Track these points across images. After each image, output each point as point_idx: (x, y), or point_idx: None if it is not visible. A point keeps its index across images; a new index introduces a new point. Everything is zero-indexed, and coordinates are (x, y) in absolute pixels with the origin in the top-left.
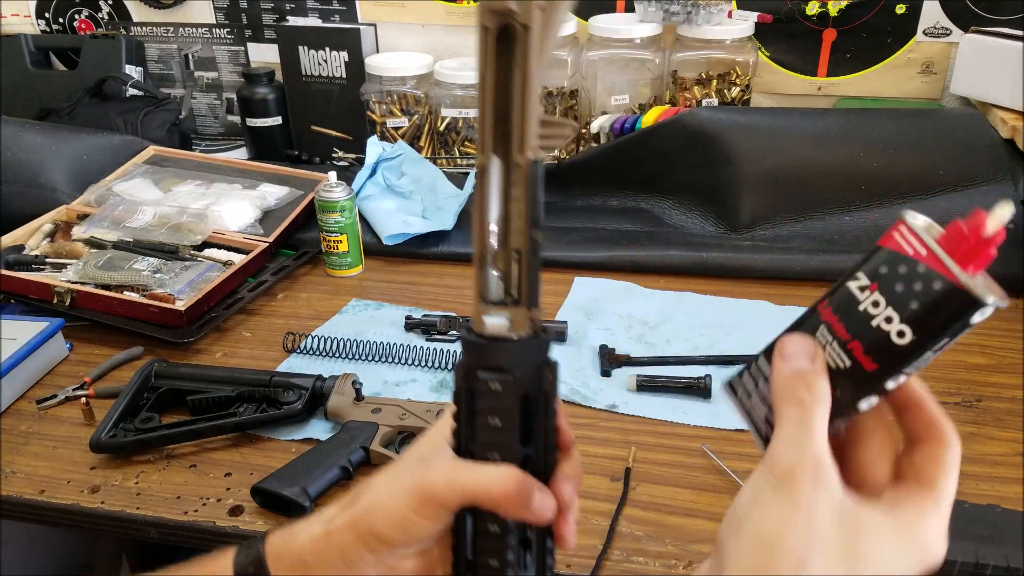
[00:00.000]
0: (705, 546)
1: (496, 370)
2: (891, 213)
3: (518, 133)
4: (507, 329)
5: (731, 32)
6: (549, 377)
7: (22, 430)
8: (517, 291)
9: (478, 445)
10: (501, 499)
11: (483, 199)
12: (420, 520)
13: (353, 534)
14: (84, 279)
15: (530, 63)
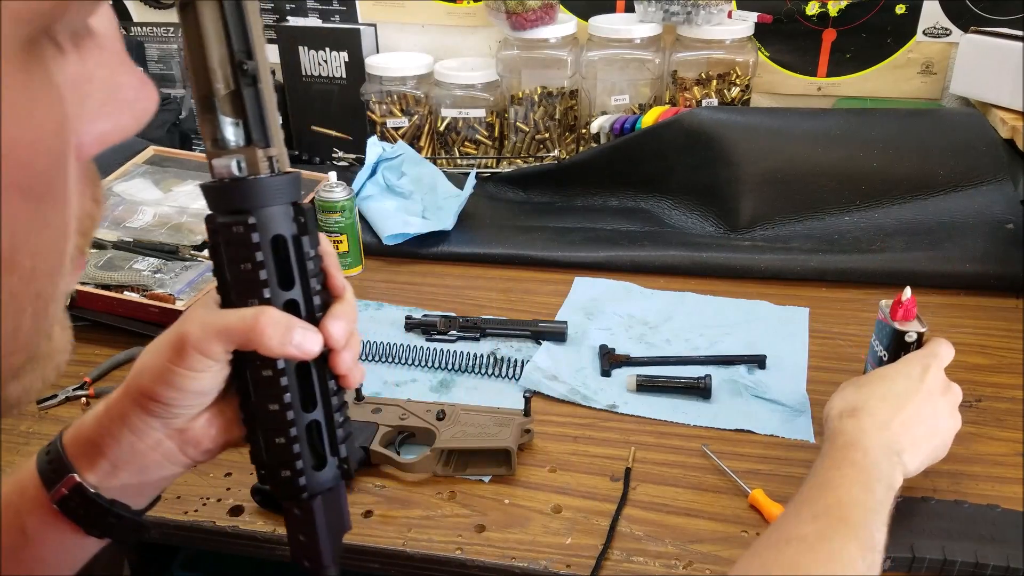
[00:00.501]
0: (705, 546)
1: (234, 212)
2: (891, 213)
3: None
4: (239, 169)
5: (731, 32)
6: (299, 219)
7: (22, 430)
8: (247, 128)
9: (236, 294)
10: (255, 336)
11: (191, 38)
12: (183, 371)
13: (129, 400)
14: (84, 279)
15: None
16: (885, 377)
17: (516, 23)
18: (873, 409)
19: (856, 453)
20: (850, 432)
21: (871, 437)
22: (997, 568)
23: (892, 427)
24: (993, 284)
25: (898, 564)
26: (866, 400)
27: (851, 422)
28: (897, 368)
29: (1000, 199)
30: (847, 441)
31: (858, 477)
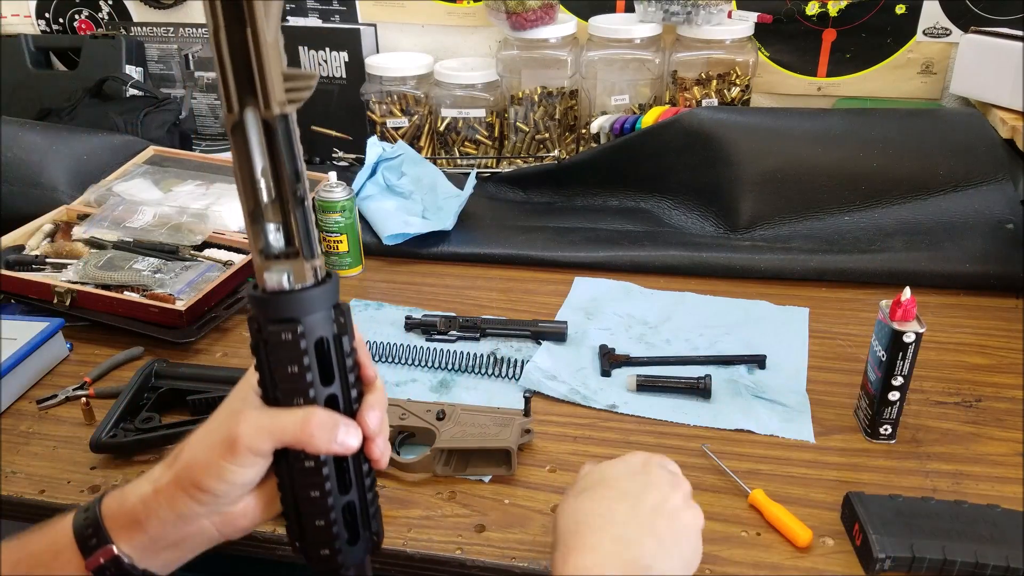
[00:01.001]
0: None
1: (283, 321)
2: (891, 213)
3: (260, 91)
4: (289, 281)
5: (731, 32)
6: (340, 320)
7: (22, 430)
8: (296, 243)
9: (282, 392)
10: (304, 437)
11: (240, 155)
12: (235, 468)
13: (179, 489)
14: (84, 279)
15: (257, 22)
16: (606, 490)
17: (516, 23)
18: (597, 542)
19: None
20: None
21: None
22: (997, 568)
23: (630, 551)
24: (993, 284)
25: (898, 564)
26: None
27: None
28: (616, 477)
29: (1000, 199)
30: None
31: None
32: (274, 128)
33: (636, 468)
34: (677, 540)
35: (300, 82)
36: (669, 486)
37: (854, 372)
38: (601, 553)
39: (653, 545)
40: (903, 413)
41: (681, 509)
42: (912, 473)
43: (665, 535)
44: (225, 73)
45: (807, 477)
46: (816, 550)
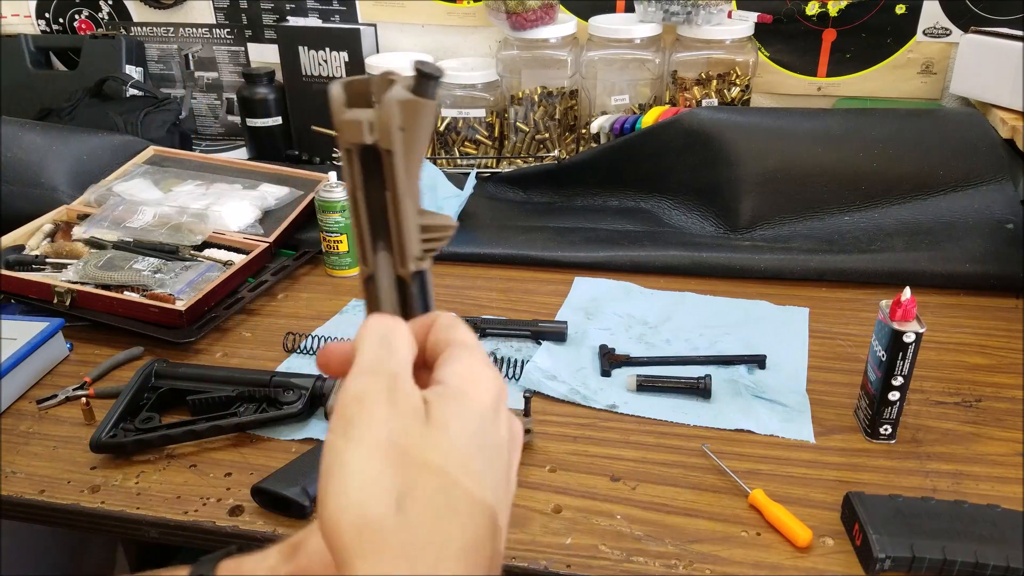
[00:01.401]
0: (705, 546)
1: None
2: (891, 213)
3: (397, 248)
4: None
5: (731, 32)
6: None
7: (22, 430)
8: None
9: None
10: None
11: (371, 307)
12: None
13: None
14: (84, 279)
15: (398, 183)
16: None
17: (516, 23)
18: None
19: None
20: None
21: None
22: (997, 568)
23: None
24: (993, 284)
25: (898, 564)
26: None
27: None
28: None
29: (1000, 199)
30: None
31: None
32: (408, 284)
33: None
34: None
35: (437, 232)
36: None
37: (854, 372)
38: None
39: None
40: (903, 413)
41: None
42: (912, 473)
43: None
44: (361, 228)
45: (807, 477)
46: (816, 550)
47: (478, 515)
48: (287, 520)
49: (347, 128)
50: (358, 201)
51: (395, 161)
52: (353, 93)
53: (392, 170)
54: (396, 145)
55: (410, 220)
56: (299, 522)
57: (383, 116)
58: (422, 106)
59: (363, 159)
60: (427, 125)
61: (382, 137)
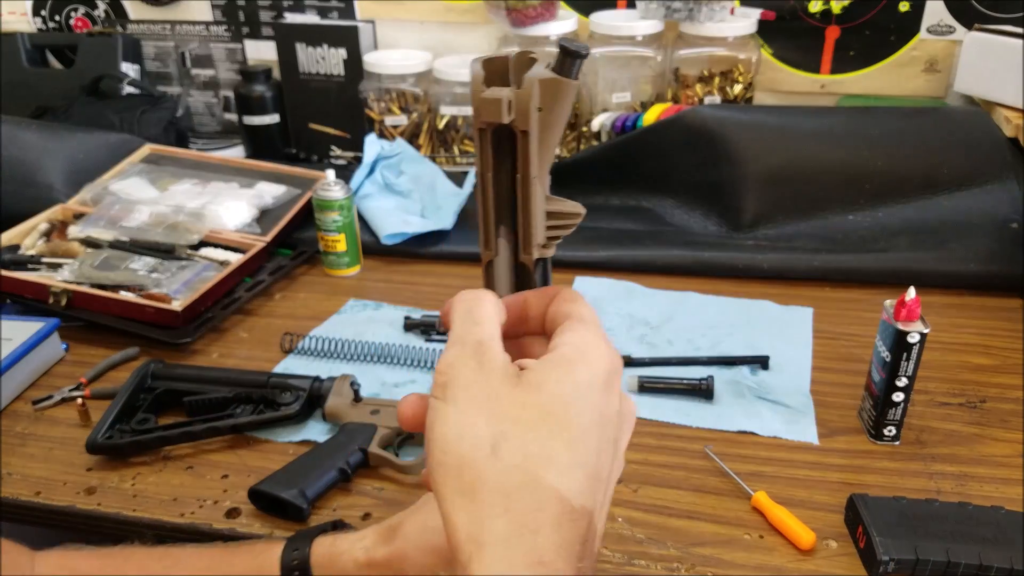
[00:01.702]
0: (707, 549)
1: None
2: (895, 212)
3: (523, 233)
4: None
5: (734, 29)
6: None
7: (18, 431)
8: None
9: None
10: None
11: (490, 289)
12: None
13: (389, 573)
14: (80, 279)
15: (531, 166)
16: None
17: (516, 20)
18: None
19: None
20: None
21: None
22: (1001, 570)
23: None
24: (997, 284)
25: (902, 566)
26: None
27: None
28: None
29: (1005, 198)
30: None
31: None
32: (530, 271)
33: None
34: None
35: (564, 220)
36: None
37: (858, 373)
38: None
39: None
40: (907, 414)
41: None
42: (916, 475)
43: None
44: (487, 212)
45: (810, 479)
46: (819, 553)
47: (577, 470)
48: (284, 523)
49: (486, 107)
50: (487, 183)
51: (530, 142)
52: (492, 71)
53: (526, 152)
54: (533, 126)
55: (538, 205)
56: (296, 524)
57: (522, 95)
58: (563, 86)
59: (496, 140)
60: (566, 106)
61: (519, 117)
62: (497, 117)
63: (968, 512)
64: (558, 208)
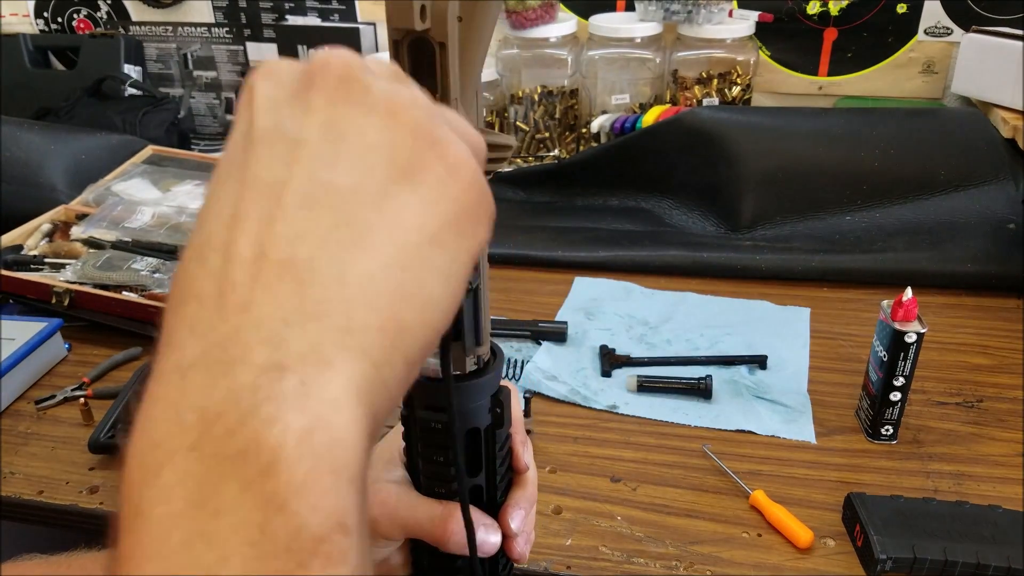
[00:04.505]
0: (706, 547)
1: (436, 409)
2: (892, 213)
3: None
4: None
5: (732, 31)
6: (496, 411)
7: (21, 431)
8: (460, 331)
9: (425, 477)
10: (440, 536)
11: None
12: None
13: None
14: (82, 279)
15: (451, 85)
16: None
17: (516, 22)
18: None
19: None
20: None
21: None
22: (999, 569)
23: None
24: (994, 284)
25: (899, 565)
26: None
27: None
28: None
29: (1002, 199)
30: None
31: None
32: None
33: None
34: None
35: (494, 152)
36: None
37: (855, 372)
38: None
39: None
40: (904, 414)
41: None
42: (913, 474)
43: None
44: None
45: (808, 478)
46: (817, 551)
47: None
48: None
49: (396, 11)
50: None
51: (448, 57)
52: None
53: (445, 68)
54: (451, 38)
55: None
56: None
57: (439, 2)
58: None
59: (413, 53)
60: (490, 20)
61: (436, 27)
62: (409, 23)
63: (965, 511)
64: (489, 140)
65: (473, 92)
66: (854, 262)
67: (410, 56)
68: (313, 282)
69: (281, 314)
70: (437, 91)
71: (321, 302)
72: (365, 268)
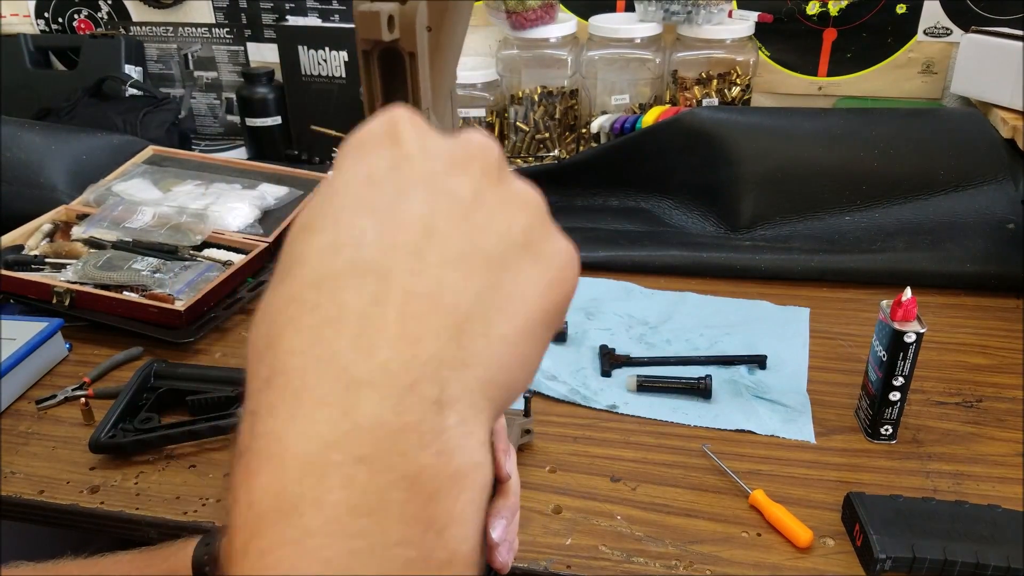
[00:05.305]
0: (705, 547)
1: None
2: (892, 213)
3: None
4: None
5: (731, 32)
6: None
7: (21, 430)
8: None
9: None
10: None
11: None
12: None
13: None
14: (83, 279)
15: (421, 95)
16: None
17: (516, 22)
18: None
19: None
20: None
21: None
22: (998, 569)
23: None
24: (994, 284)
25: (898, 564)
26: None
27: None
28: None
29: (1001, 199)
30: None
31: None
32: None
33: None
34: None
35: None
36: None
37: (855, 372)
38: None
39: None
40: (904, 413)
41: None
42: (913, 473)
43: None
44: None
45: (808, 477)
46: (816, 551)
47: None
48: None
49: (363, 22)
50: (375, 112)
51: (419, 67)
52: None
53: (415, 78)
54: (421, 47)
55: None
56: None
57: (407, 11)
58: (455, 3)
59: (383, 64)
60: (460, 27)
61: (405, 36)
62: (376, 34)
63: (964, 510)
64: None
65: (446, 100)
66: (854, 262)
67: (380, 66)
68: (468, 332)
69: (441, 356)
70: (409, 100)
71: (473, 352)
72: (504, 332)
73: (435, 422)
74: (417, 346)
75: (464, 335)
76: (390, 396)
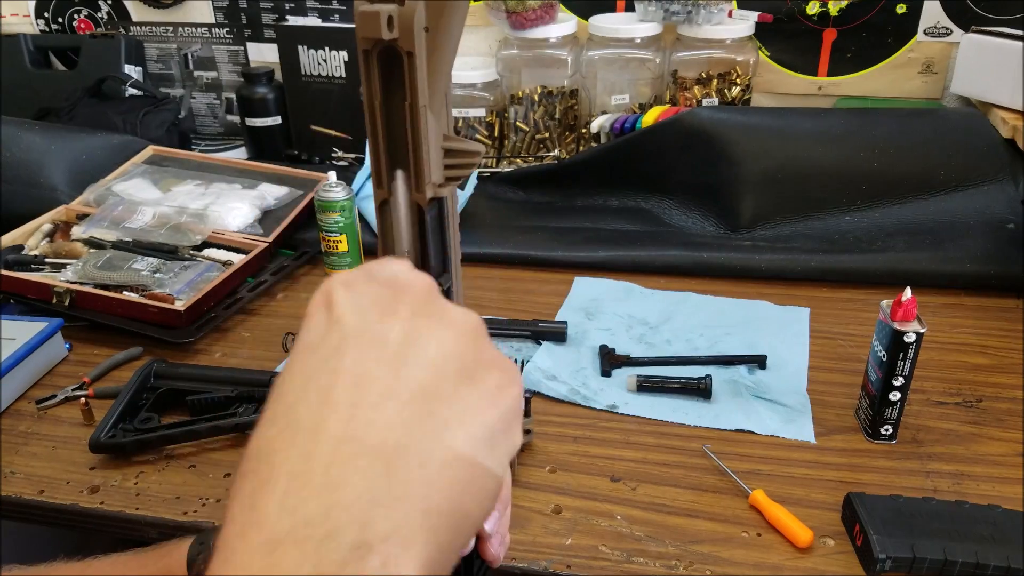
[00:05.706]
0: (705, 546)
1: None
2: (892, 213)
3: (414, 169)
4: None
5: (731, 32)
6: None
7: (21, 430)
8: None
9: None
10: None
11: (386, 236)
12: None
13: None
14: (83, 279)
15: (419, 93)
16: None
17: (516, 22)
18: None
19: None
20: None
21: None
22: (998, 569)
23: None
24: (994, 284)
25: (898, 564)
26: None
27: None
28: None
29: (1001, 199)
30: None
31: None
32: (424, 212)
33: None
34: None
35: (462, 158)
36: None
37: (855, 372)
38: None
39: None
40: (904, 413)
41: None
42: (913, 473)
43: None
44: (378, 146)
45: (808, 477)
46: (817, 551)
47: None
48: None
49: (364, 22)
50: (376, 113)
51: (416, 66)
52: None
53: (413, 77)
54: (419, 47)
55: (430, 138)
56: None
57: (406, 12)
58: (451, 4)
59: (383, 63)
60: (456, 27)
61: (403, 36)
62: (376, 33)
63: (964, 510)
64: (457, 146)
65: (442, 98)
66: (854, 262)
67: (380, 65)
68: (400, 465)
69: (370, 495)
70: (407, 99)
71: (407, 484)
72: (443, 456)
73: (356, 567)
74: (340, 491)
75: (395, 469)
76: (308, 551)
